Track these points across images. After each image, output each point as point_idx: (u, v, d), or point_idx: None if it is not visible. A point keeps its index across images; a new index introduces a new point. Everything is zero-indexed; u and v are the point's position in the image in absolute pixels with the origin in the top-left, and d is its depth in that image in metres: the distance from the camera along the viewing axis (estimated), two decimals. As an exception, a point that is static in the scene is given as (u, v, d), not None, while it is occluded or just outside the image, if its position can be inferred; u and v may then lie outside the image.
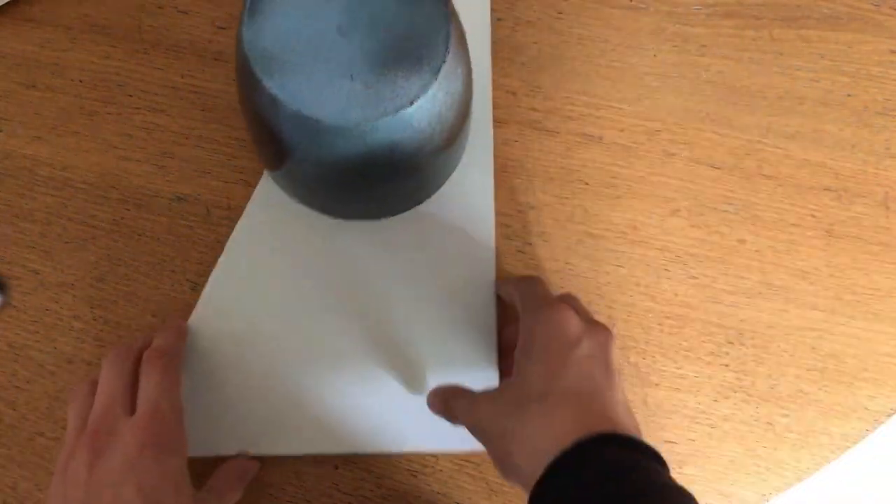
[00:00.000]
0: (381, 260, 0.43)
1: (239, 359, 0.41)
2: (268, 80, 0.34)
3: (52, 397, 0.42)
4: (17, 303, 0.44)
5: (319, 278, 0.43)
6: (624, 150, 0.46)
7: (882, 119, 0.47)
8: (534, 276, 0.41)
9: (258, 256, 0.43)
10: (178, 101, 0.47)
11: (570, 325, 0.34)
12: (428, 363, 0.41)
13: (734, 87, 0.48)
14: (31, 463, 0.41)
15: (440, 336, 0.42)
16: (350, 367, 0.41)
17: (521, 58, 0.48)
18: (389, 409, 0.41)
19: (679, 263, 0.45)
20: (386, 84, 0.34)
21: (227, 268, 0.43)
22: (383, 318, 0.42)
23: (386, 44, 0.35)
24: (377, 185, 0.40)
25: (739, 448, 0.42)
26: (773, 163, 0.46)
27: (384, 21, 0.35)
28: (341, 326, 0.42)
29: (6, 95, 0.47)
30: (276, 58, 0.34)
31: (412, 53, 0.35)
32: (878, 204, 0.46)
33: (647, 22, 0.49)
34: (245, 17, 0.35)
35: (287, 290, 0.43)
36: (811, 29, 0.49)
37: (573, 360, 0.33)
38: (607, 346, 0.34)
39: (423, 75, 0.34)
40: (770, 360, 0.43)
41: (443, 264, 0.43)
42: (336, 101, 0.34)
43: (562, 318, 0.34)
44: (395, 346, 0.42)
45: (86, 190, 0.45)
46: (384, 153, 0.36)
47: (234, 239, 0.44)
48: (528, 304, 0.37)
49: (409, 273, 0.43)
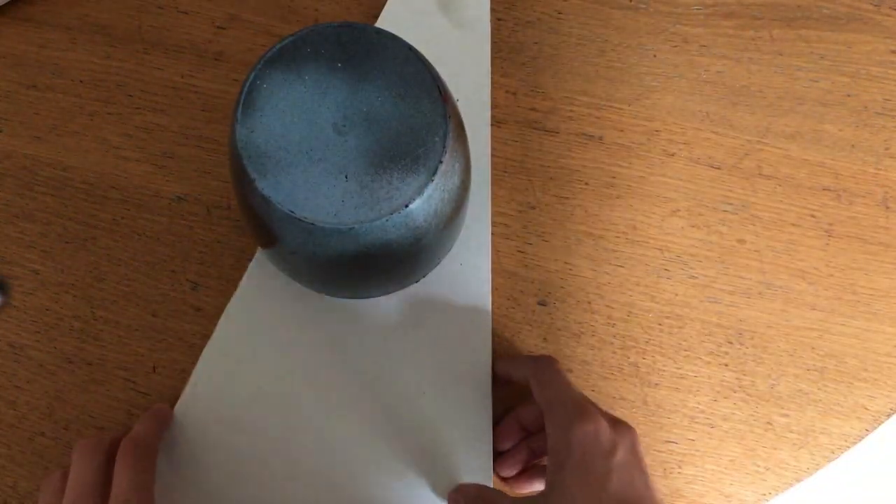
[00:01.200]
0: (376, 338, 0.42)
1: (229, 445, 0.41)
2: (261, 181, 0.33)
3: (52, 397, 0.42)
4: (18, 303, 0.44)
5: (313, 358, 0.42)
6: (624, 149, 0.46)
7: (882, 119, 0.47)
8: (546, 358, 0.40)
9: (250, 335, 0.42)
10: (179, 101, 0.47)
11: (603, 433, 0.34)
12: (421, 446, 0.41)
13: (734, 87, 0.48)
14: (32, 463, 0.41)
15: (435, 417, 0.41)
16: (343, 453, 0.41)
17: (521, 58, 0.48)
18: (384, 498, 0.40)
19: (679, 263, 0.45)
20: (381, 185, 0.33)
21: (218, 346, 0.42)
22: (378, 400, 0.42)
23: (382, 142, 0.34)
24: (372, 275, 0.39)
25: (739, 448, 0.42)
26: (772, 163, 0.46)
27: (381, 118, 0.34)
28: (335, 410, 0.41)
29: (6, 95, 0.47)
30: (269, 156, 0.33)
31: (409, 153, 0.34)
32: (877, 204, 0.46)
33: (646, 22, 0.49)
34: (238, 114, 0.34)
35: (280, 371, 0.42)
36: (811, 29, 0.49)
37: (613, 469, 0.33)
38: (637, 446, 0.35)
39: (419, 176, 0.34)
40: (769, 359, 0.43)
41: (438, 342, 0.42)
42: (330, 203, 0.33)
43: (596, 428, 0.34)
44: (391, 430, 0.41)
45: (86, 190, 0.45)
46: (378, 250, 0.35)
47: (227, 316, 0.43)
48: (554, 409, 0.36)
49: (404, 351, 0.42)
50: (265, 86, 0.34)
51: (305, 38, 0.35)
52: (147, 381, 0.42)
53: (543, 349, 0.43)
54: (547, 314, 0.44)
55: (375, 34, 0.35)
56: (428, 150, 0.34)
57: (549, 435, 0.35)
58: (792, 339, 0.44)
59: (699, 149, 0.47)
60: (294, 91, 0.34)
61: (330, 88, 0.35)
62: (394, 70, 0.35)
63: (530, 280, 0.44)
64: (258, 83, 0.34)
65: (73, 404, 0.42)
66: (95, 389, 0.42)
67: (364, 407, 0.41)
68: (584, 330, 0.44)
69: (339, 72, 0.35)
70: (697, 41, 0.49)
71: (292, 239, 0.35)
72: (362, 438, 0.41)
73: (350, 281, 0.41)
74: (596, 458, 0.34)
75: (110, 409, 0.42)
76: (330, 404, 0.42)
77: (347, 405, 0.42)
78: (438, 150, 0.34)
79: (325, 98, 0.34)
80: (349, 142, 0.34)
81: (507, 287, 0.44)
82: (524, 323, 0.44)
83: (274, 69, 0.35)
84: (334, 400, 0.42)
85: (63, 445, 0.42)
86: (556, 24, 0.49)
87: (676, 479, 0.42)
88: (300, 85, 0.34)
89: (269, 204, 0.33)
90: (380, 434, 0.41)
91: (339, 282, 0.41)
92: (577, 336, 0.43)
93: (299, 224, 0.33)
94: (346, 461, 0.41)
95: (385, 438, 0.41)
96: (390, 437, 0.41)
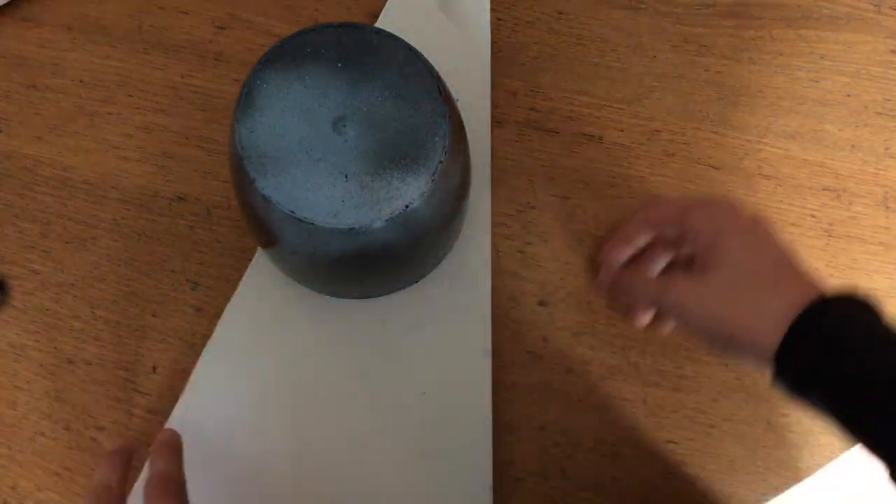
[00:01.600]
0: (376, 337, 0.42)
1: (228, 445, 0.40)
2: (261, 181, 0.33)
3: (52, 397, 0.42)
4: (18, 302, 0.44)
5: (313, 358, 0.42)
6: (624, 149, 0.46)
7: (881, 119, 0.47)
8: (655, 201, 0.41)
9: (250, 335, 0.42)
10: (179, 101, 0.47)
11: (740, 209, 0.37)
12: (421, 445, 0.41)
13: (734, 87, 0.48)
14: (32, 463, 0.41)
15: (434, 417, 0.41)
16: (343, 452, 0.41)
17: (521, 58, 0.48)
18: (383, 497, 0.40)
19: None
20: (381, 185, 0.33)
21: (218, 346, 0.42)
22: (378, 400, 0.41)
23: (382, 143, 0.34)
24: (371, 275, 0.39)
25: (739, 448, 0.42)
26: (772, 163, 0.46)
27: (381, 118, 0.34)
28: (334, 409, 0.41)
29: (6, 95, 0.47)
30: (269, 156, 0.33)
31: (409, 153, 0.34)
32: (877, 204, 0.46)
33: (646, 22, 0.49)
34: (239, 114, 0.34)
35: (280, 371, 0.42)
36: (811, 29, 0.49)
37: (764, 237, 0.36)
38: (768, 220, 0.37)
39: (419, 176, 0.34)
40: (770, 359, 0.43)
41: (438, 342, 0.42)
42: (330, 203, 0.33)
43: (732, 205, 0.37)
44: (390, 430, 0.41)
45: (86, 190, 0.45)
46: (378, 251, 0.35)
47: (227, 316, 0.42)
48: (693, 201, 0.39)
49: (404, 351, 0.42)
50: (265, 86, 0.34)
51: (305, 39, 0.35)
52: (147, 381, 0.42)
53: (543, 349, 0.43)
54: (547, 314, 0.44)
55: (375, 34, 0.35)
56: (428, 150, 0.34)
57: (687, 227, 0.38)
58: (792, 339, 0.44)
59: (699, 149, 0.47)
60: (294, 91, 0.34)
61: (330, 88, 0.35)
62: (394, 70, 0.35)
63: (530, 280, 0.44)
64: (258, 83, 0.34)
65: (73, 404, 0.42)
66: (95, 389, 0.42)
67: (364, 406, 0.41)
68: (584, 330, 0.43)
69: (340, 72, 0.35)
70: (697, 41, 0.49)
71: (292, 239, 0.35)
72: (362, 437, 0.41)
73: (350, 281, 0.41)
74: (747, 229, 0.36)
75: (110, 409, 0.42)
76: (329, 404, 0.41)
77: (347, 404, 0.41)
78: (438, 150, 0.34)
79: (325, 98, 0.34)
80: (349, 142, 0.34)
81: (507, 287, 0.44)
82: (524, 323, 0.44)
83: (274, 69, 0.35)
84: (334, 399, 0.42)
85: (63, 445, 0.42)
86: (557, 24, 0.49)
87: (677, 479, 0.42)
88: (300, 85, 0.34)
89: (269, 204, 0.33)
90: (379, 433, 0.41)
91: (339, 282, 0.41)
92: (577, 336, 0.43)
93: (299, 224, 0.33)
94: (345, 460, 0.41)
95: (384, 438, 0.41)
96: (390, 436, 0.41)
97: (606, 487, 0.41)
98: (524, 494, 0.41)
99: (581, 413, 0.42)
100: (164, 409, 0.42)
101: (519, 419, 0.42)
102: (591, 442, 0.42)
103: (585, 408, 0.42)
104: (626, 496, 0.41)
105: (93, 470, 0.41)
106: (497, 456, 0.41)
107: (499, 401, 0.42)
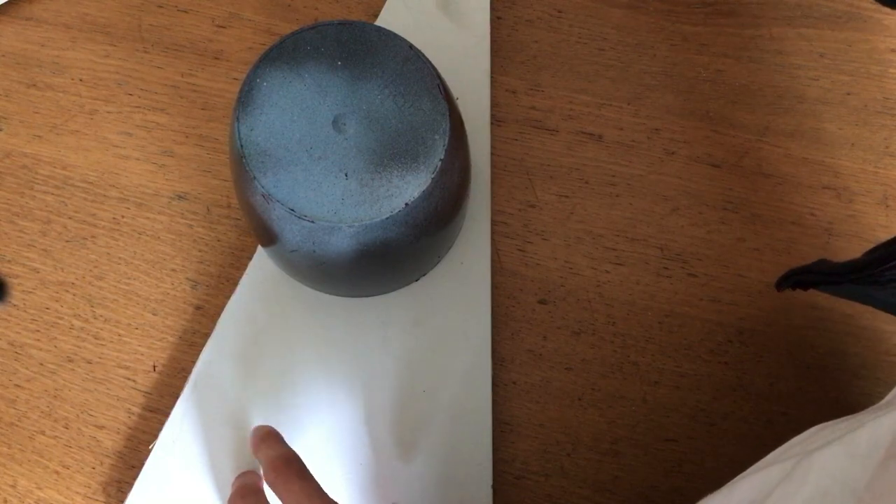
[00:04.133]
0: (376, 336, 0.42)
1: (229, 445, 0.40)
2: (262, 178, 0.33)
3: (52, 396, 0.42)
4: (18, 301, 0.44)
5: (313, 357, 0.42)
6: (623, 148, 0.46)
7: (881, 117, 0.47)
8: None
9: (250, 334, 0.42)
10: (179, 100, 0.47)
11: None
12: (420, 445, 0.41)
13: (733, 85, 0.48)
14: (32, 461, 0.41)
15: (434, 416, 0.41)
16: (343, 451, 0.41)
17: (521, 56, 0.48)
18: (383, 497, 0.40)
19: (678, 262, 0.45)
20: (381, 183, 0.33)
21: (218, 345, 0.42)
22: (378, 399, 0.41)
23: (382, 141, 0.34)
24: (371, 273, 0.39)
25: (739, 446, 0.42)
26: (772, 161, 0.46)
27: (381, 116, 0.34)
28: (334, 408, 0.41)
29: (6, 94, 0.47)
30: (270, 154, 0.33)
31: (409, 151, 0.34)
32: (877, 202, 0.46)
33: (646, 21, 0.49)
34: (239, 112, 0.34)
35: (280, 370, 0.42)
36: (810, 27, 0.49)
37: None
38: None
39: (419, 174, 0.34)
40: (769, 358, 0.43)
41: (438, 341, 0.42)
42: (330, 201, 0.33)
43: None
44: (390, 429, 0.41)
45: (86, 188, 0.45)
46: (378, 249, 0.35)
47: (227, 315, 0.42)
48: None
49: (404, 350, 0.42)
50: (265, 84, 0.34)
51: (305, 37, 0.35)
52: (147, 379, 0.42)
53: (543, 348, 0.43)
54: (547, 313, 0.44)
55: (375, 32, 0.36)
56: (428, 148, 0.34)
57: None
58: (792, 337, 0.44)
59: (699, 147, 0.47)
60: (294, 89, 0.34)
61: (330, 87, 0.35)
62: (394, 68, 0.35)
63: (530, 279, 0.44)
64: (258, 81, 0.34)
65: (73, 403, 0.42)
66: (95, 388, 0.42)
67: (363, 405, 0.41)
68: (583, 329, 0.44)
69: (340, 70, 0.35)
70: (697, 39, 0.49)
71: (293, 237, 0.35)
72: (361, 437, 0.41)
73: (350, 279, 0.41)
74: None
75: (110, 408, 0.42)
76: (329, 403, 0.41)
77: (347, 403, 0.41)
78: (438, 148, 0.34)
79: (325, 96, 0.34)
80: (349, 140, 0.34)
81: (508, 286, 0.44)
82: (524, 321, 0.44)
83: (274, 67, 0.35)
84: (334, 398, 0.42)
85: (63, 445, 0.42)
86: (556, 23, 0.49)
87: (677, 478, 0.42)
88: (300, 83, 0.35)
89: (269, 202, 0.33)
90: (379, 433, 0.41)
91: (339, 280, 0.41)
92: (577, 335, 0.43)
93: (300, 222, 0.33)
94: (345, 460, 0.41)
95: (384, 437, 0.41)
96: (390, 435, 0.41)
97: (606, 485, 0.41)
98: (524, 492, 0.41)
99: (581, 411, 0.42)
100: (164, 407, 0.42)
101: (519, 417, 0.42)
102: (591, 440, 0.42)
103: (585, 406, 0.42)
104: (627, 494, 0.41)
105: (93, 468, 0.41)
106: (497, 454, 0.41)
107: (498, 399, 0.42)
